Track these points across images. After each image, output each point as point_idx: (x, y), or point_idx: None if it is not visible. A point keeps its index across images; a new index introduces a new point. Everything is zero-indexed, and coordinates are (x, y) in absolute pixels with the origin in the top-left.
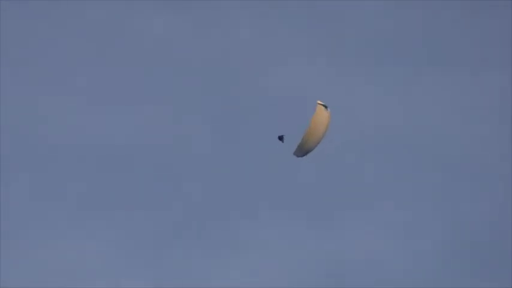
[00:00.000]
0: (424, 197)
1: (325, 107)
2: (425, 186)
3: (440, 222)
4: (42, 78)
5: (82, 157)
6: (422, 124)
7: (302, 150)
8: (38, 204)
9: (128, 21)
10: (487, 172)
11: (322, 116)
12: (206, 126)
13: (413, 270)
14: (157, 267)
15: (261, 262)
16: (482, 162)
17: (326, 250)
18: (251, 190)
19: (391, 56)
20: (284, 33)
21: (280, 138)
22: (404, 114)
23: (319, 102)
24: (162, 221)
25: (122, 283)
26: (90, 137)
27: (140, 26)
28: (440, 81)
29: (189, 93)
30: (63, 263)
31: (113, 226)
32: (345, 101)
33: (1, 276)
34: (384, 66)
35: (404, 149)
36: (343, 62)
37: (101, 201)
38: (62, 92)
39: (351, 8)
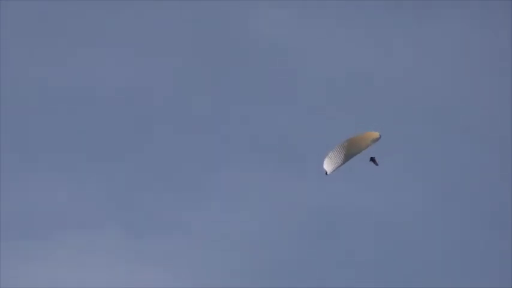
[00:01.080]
0: (403, 145)
1: (378, 138)
2: (404, 134)
3: (415, 172)
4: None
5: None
6: (399, 72)
7: (333, 162)
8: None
9: None
10: (466, 120)
11: (368, 139)
12: (185, 73)
13: (392, 219)
14: (129, 211)
15: (236, 208)
16: (461, 110)
17: (302, 197)
18: (230, 137)
19: (372, 3)
20: None
21: (373, 159)
22: (386, 60)
23: (378, 133)
24: (134, 166)
25: (96, 230)
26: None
27: None
28: (423, 29)
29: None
30: (37, 211)
31: (83, 173)
32: (323, 47)
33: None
34: (365, 13)
35: (383, 96)
36: (322, 9)
37: (72, 148)
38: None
39: None
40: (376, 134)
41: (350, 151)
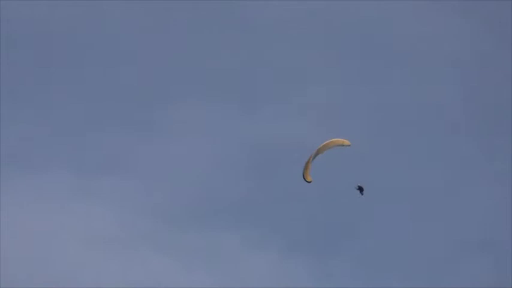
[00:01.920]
0: (349, 80)
1: (347, 145)
2: (349, 69)
3: (364, 103)
4: None
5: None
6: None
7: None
8: None
9: None
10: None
11: (337, 143)
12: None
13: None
14: (80, 151)
15: (185, 144)
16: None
17: (247, 135)
18: (178, 75)
19: None
20: None
21: (360, 189)
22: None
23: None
24: (86, 104)
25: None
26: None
27: None
28: None
29: None
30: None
31: (37, 108)
32: None
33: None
34: None
35: (329, 30)
36: None
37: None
38: None
39: None
40: (347, 142)
41: (320, 151)
